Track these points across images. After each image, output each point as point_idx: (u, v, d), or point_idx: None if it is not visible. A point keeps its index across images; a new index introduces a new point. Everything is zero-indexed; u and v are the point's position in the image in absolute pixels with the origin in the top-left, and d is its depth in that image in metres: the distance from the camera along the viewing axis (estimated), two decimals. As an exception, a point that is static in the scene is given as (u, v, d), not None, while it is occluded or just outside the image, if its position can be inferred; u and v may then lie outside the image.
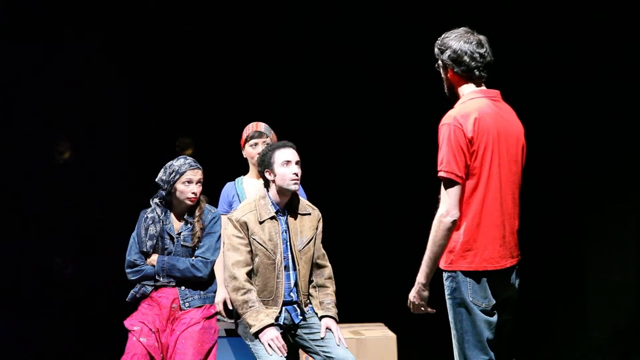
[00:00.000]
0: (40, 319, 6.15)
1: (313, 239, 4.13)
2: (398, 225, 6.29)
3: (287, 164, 4.04)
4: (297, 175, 4.05)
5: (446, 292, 3.39)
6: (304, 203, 4.21)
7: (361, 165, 6.51)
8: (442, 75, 3.49)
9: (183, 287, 4.24)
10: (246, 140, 4.64)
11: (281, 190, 4.07)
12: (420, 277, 3.36)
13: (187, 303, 4.21)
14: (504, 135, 3.37)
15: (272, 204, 4.08)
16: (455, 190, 3.28)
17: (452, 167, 3.27)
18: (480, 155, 3.30)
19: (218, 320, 4.40)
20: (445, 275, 3.39)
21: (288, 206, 4.12)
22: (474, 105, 3.36)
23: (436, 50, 3.45)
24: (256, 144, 4.58)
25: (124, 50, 6.27)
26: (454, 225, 3.29)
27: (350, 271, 5.27)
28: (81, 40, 6.19)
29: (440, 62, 3.45)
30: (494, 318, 3.36)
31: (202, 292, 4.26)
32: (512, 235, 3.43)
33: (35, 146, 6.23)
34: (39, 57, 6.15)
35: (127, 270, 4.26)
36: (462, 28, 3.42)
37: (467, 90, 3.43)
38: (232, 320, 4.42)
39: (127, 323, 4.19)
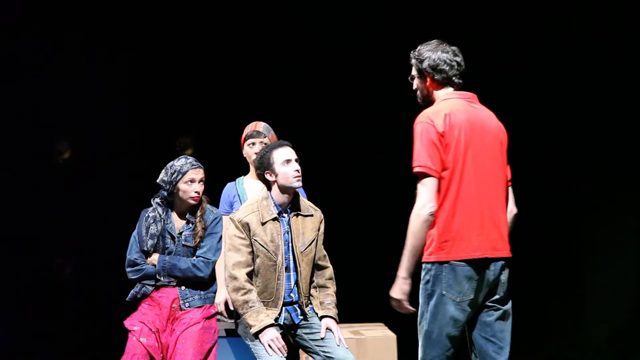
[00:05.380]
0: (40, 319, 6.14)
1: (315, 241, 4.13)
2: (398, 226, 6.28)
3: (287, 163, 4.04)
4: (298, 172, 4.05)
5: (421, 283, 3.47)
6: (307, 204, 4.21)
7: (361, 165, 6.52)
8: (418, 85, 3.64)
9: (183, 287, 4.24)
10: (245, 140, 4.64)
11: (284, 190, 4.06)
12: (401, 271, 3.42)
13: (187, 303, 4.22)
14: (479, 131, 3.47)
15: (275, 205, 4.07)
16: (429, 183, 3.39)
17: (425, 161, 3.39)
18: (453, 148, 3.41)
19: (218, 320, 4.40)
20: (423, 267, 3.46)
21: (290, 207, 4.12)
22: (446, 104, 3.51)
23: (413, 60, 3.60)
24: (254, 144, 4.58)
25: (124, 50, 6.27)
26: (432, 217, 3.38)
27: (350, 271, 5.27)
28: (81, 40, 6.19)
29: (416, 72, 3.61)
30: (464, 316, 3.42)
31: (202, 292, 4.26)
32: (495, 228, 3.46)
33: (35, 146, 6.23)
34: (38, 57, 6.15)
35: (128, 270, 4.26)
36: (434, 40, 3.59)
37: (442, 93, 3.58)
38: (232, 320, 4.42)
39: (127, 323, 4.19)
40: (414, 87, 3.66)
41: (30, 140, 6.19)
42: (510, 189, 3.60)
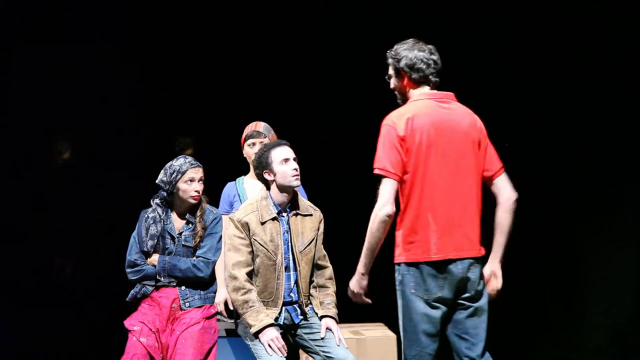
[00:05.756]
0: (41, 319, 6.14)
1: (314, 240, 4.13)
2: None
3: (285, 162, 4.05)
4: (297, 170, 4.06)
5: (395, 284, 3.57)
6: (306, 204, 4.21)
7: (362, 165, 6.50)
8: (395, 84, 3.70)
9: (183, 287, 4.24)
10: (245, 140, 4.64)
11: (283, 189, 4.06)
12: (360, 267, 3.58)
13: (188, 303, 4.22)
14: (447, 132, 3.52)
15: (274, 204, 4.07)
16: (388, 186, 3.50)
17: (384, 163, 3.50)
18: (415, 151, 3.48)
19: (218, 320, 4.40)
20: (395, 268, 3.57)
21: (290, 207, 4.12)
22: (412, 106, 3.57)
23: (390, 60, 3.67)
24: (254, 144, 4.58)
25: (124, 50, 6.27)
26: (388, 219, 3.48)
27: (350, 271, 5.26)
28: (81, 40, 6.20)
29: (393, 71, 3.67)
30: (436, 312, 3.50)
31: (202, 292, 4.26)
32: (460, 228, 3.51)
33: (35, 146, 6.23)
34: (38, 56, 6.15)
35: (128, 270, 4.26)
36: (410, 39, 3.66)
37: (417, 93, 3.63)
38: (232, 320, 4.42)
39: (127, 323, 4.19)
40: (392, 86, 3.72)
41: (30, 140, 6.18)
42: (504, 176, 3.62)
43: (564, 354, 5.87)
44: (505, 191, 3.60)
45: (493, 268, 3.65)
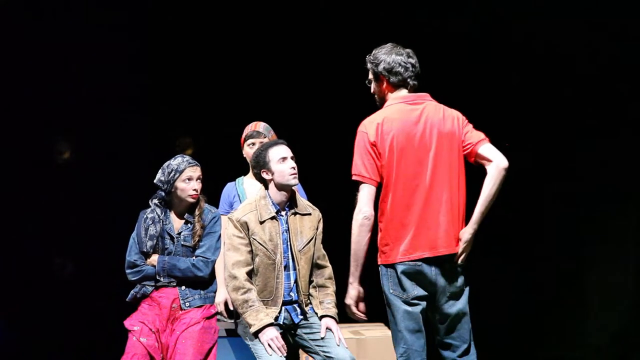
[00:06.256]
0: (41, 319, 6.14)
1: (313, 239, 4.14)
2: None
3: (283, 160, 4.06)
4: (295, 169, 4.07)
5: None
6: (305, 203, 4.22)
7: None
8: (375, 89, 3.78)
9: (183, 287, 4.24)
10: (245, 140, 4.64)
11: (281, 187, 4.07)
12: (350, 277, 3.70)
13: (188, 303, 4.22)
14: (417, 133, 3.58)
15: (273, 203, 4.08)
16: (365, 190, 3.61)
17: (359, 169, 3.61)
18: (387, 155, 3.57)
19: (218, 320, 4.40)
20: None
21: (288, 206, 4.13)
22: (384, 111, 3.67)
23: (369, 65, 3.75)
24: (253, 144, 4.58)
25: (124, 50, 6.27)
26: (367, 221, 3.59)
27: (349, 271, 5.27)
28: (81, 41, 6.20)
29: (372, 75, 3.75)
30: (415, 309, 3.59)
31: (202, 292, 4.26)
32: (436, 227, 3.57)
33: (35, 146, 6.23)
34: (38, 56, 6.15)
35: (128, 271, 4.26)
36: (389, 44, 3.74)
37: (393, 96, 3.71)
38: (232, 320, 4.42)
39: (127, 323, 4.19)
40: (372, 90, 3.79)
41: (30, 140, 6.18)
42: (488, 145, 3.62)
43: (564, 353, 5.87)
44: (493, 158, 3.57)
45: (461, 233, 3.64)
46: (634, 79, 5.46)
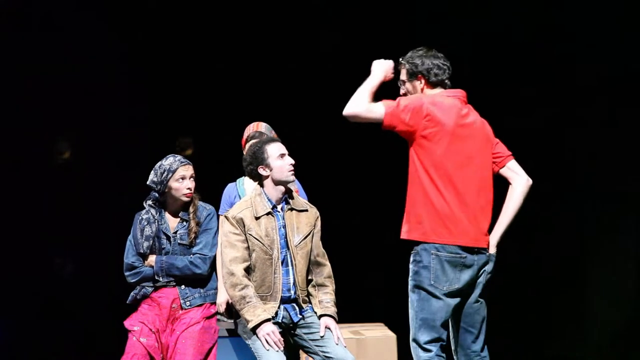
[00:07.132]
0: (41, 319, 6.14)
1: (310, 235, 4.14)
2: (398, 225, 6.28)
3: (282, 157, 4.09)
4: (293, 165, 4.10)
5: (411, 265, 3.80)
6: (301, 201, 4.23)
7: (362, 164, 6.51)
8: (409, 89, 3.85)
9: (183, 286, 4.23)
10: (247, 140, 4.63)
11: (278, 183, 4.09)
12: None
13: (188, 302, 4.21)
14: (466, 126, 3.69)
15: (268, 199, 4.09)
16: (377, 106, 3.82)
17: (392, 109, 3.75)
18: (438, 132, 3.65)
19: (218, 320, 4.40)
20: (413, 250, 3.84)
21: (284, 202, 4.14)
22: (437, 96, 3.75)
23: (407, 65, 3.83)
24: (255, 144, 4.57)
25: (124, 50, 6.27)
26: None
27: (350, 271, 5.27)
28: (81, 40, 6.20)
29: (408, 76, 3.83)
30: (453, 300, 3.64)
31: (202, 290, 4.25)
32: (476, 220, 3.67)
33: (35, 146, 6.23)
34: (38, 56, 6.15)
35: (126, 273, 4.25)
36: (422, 47, 3.86)
37: (431, 92, 3.80)
38: (233, 320, 4.42)
39: (127, 323, 4.19)
40: (403, 91, 3.87)
41: (30, 140, 6.18)
42: (515, 162, 3.80)
43: (565, 352, 5.87)
44: (520, 174, 3.79)
45: (491, 237, 3.77)
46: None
